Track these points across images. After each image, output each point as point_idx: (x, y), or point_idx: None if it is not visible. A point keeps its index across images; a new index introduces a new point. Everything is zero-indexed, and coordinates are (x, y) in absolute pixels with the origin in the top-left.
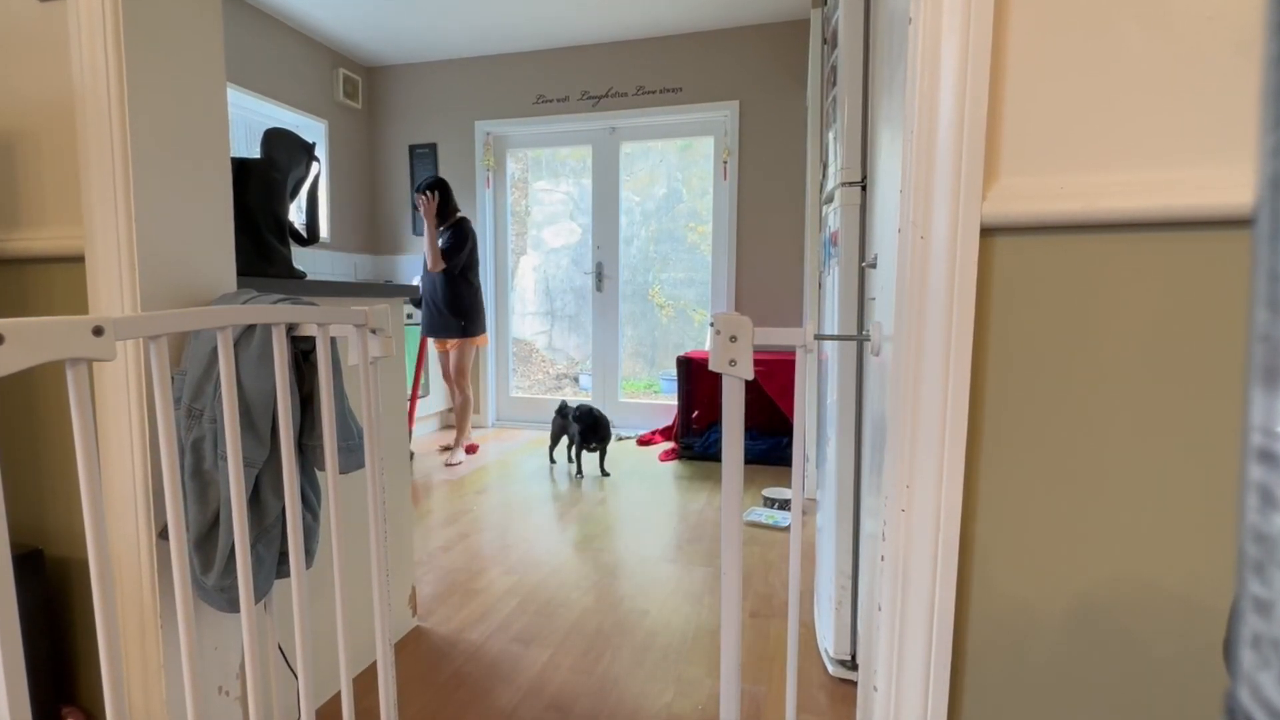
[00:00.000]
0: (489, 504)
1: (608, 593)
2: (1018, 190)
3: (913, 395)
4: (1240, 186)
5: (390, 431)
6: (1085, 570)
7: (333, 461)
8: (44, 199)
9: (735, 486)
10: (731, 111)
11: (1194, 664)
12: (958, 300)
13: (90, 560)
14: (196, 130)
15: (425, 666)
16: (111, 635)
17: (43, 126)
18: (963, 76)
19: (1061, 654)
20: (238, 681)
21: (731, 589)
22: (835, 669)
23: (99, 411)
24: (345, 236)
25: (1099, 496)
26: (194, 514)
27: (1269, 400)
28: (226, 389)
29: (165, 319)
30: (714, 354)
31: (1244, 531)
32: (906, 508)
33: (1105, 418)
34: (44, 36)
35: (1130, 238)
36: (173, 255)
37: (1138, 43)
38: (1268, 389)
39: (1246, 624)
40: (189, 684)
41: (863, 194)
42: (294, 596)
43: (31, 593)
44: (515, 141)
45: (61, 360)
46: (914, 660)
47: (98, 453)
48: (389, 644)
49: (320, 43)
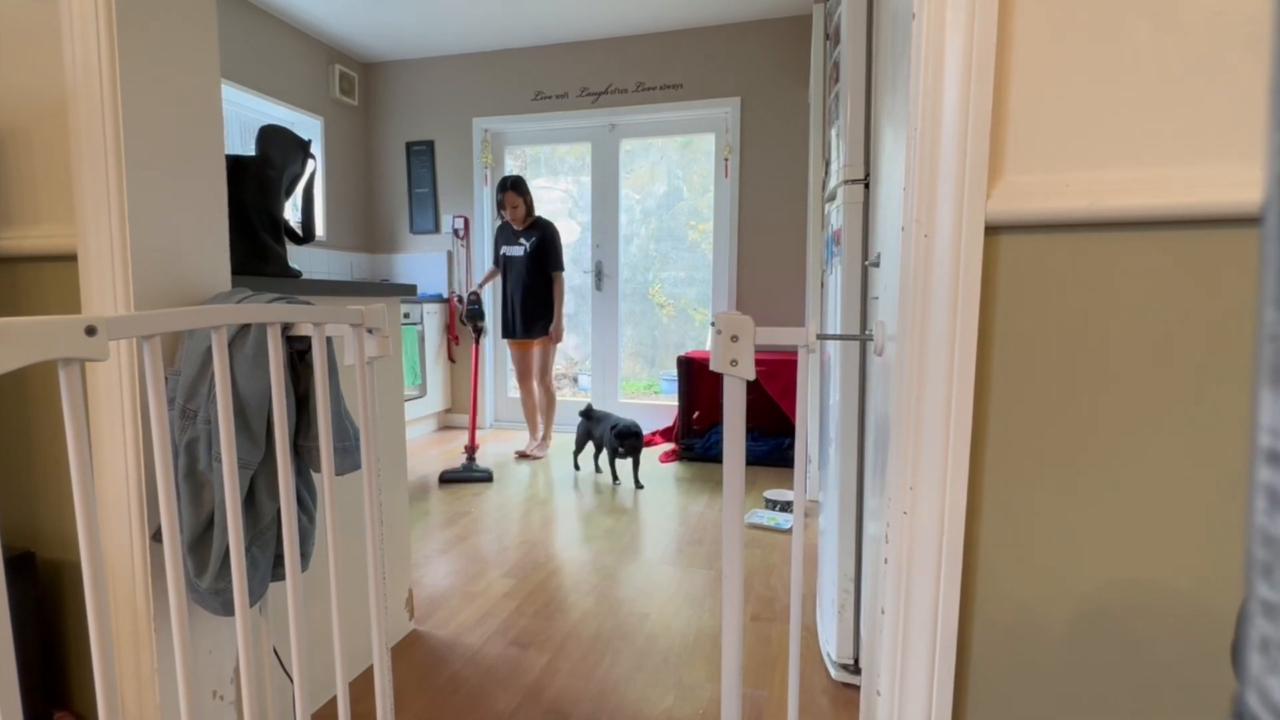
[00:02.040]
0: (486, 506)
1: (607, 596)
2: (1023, 188)
3: (916, 396)
4: (1249, 184)
5: (387, 432)
6: (1091, 573)
7: (328, 463)
8: (36, 197)
9: (737, 488)
10: (733, 108)
11: (1201, 669)
12: (962, 299)
13: (83, 563)
14: (191, 127)
15: (422, 670)
16: (104, 639)
17: (34, 123)
18: (967, 72)
19: (1066, 658)
20: (232, 686)
21: (733, 592)
22: (838, 673)
23: (92, 412)
24: (341, 235)
25: (1105, 498)
26: (188, 516)
27: (1278, 401)
28: (221, 389)
29: (159, 318)
30: (715, 354)
31: (1252, 534)
32: (910, 510)
33: (1111, 418)
34: (36, 32)
35: (1137, 236)
36: (166, 254)
37: (1145, 38)
38: (1276, 389)
39: (1254, 628)
40: (183, 689)
41: (866, 191)
42: (289, 600)
43: (23, 596)
44: (514, 138)
45: (54, 360)
46: (918, 664)
47: (90, 454)
48: (385, 648)
49: (316, 38)
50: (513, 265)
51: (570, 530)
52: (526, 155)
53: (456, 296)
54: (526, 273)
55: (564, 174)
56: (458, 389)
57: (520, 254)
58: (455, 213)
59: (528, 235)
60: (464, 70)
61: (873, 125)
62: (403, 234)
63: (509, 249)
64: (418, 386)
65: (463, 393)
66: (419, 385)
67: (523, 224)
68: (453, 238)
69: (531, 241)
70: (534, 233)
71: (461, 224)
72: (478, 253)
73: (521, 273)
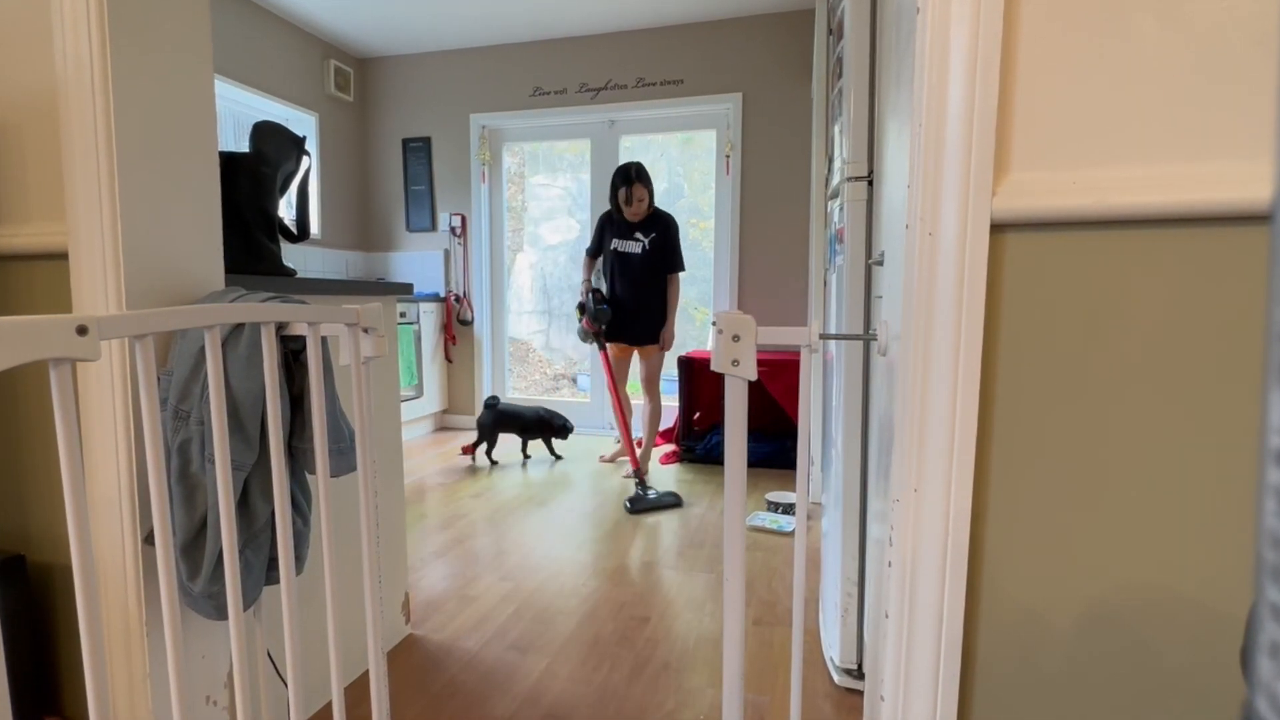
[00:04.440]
0: (484, 508)
1: (607, 599)
2: (1029, 185)
3: (920, 396)
4: (1258, 181)
5: (383, 434)
6: (1098, 576)
7: (323, 464)
8: (26, 194)
9: (738, 490)
10: (734, 104)
11: (1210, 673)
12: (967, 298)
13: (74, 566)
14: (183, 123)
15: (419, 675)
16: (96, 643)
17: (25, 119)
18: (972, 68)
19: (1073, 662)
20: (226, 691)
21: (734, 596)
22: (841, 678)
23: (83, 413)
24: (337, 233)
25: (1112, 500)
26: (181, 518)
27: None
28: (214, 390)
29: (151, 318)
30: (716, 354)
31: (1262, 536)
32: (914, 512)
33: (1118, 419)
34: (26, 26)
35: (1144, 234)
36: (159, 252)
37: (1152, 33)
38: None
39: (1265, 632)
40: (175, 693)
41: (869, 189)
42: (283, 603)
43: (13, 599)
44: (512, 135)
45: (44, 360)
46: (922, 669)
47: (81, 456)
48: (381, 652)
49: (311, 33)
50: (627, 263)
51: (570, 532)
52: (525, 152)
53: (454, 296)
54: (645, 272)
55: (563, 171)
56: (455, 390)
57: (638, 252)
58: (452, 210)
59: (646, 230)
60: (461, 65)
61: (876, 121)
62: (399, 232)
63: (622, 244)
64: (414, 387)
65: (460, 393)
66: (415, 386)
67: (641, 218)
68: (450, 236)
69: (651, 238)
70: (654, 228)
71: (459, 222)
72: (475, 251)
73: (638, 272)
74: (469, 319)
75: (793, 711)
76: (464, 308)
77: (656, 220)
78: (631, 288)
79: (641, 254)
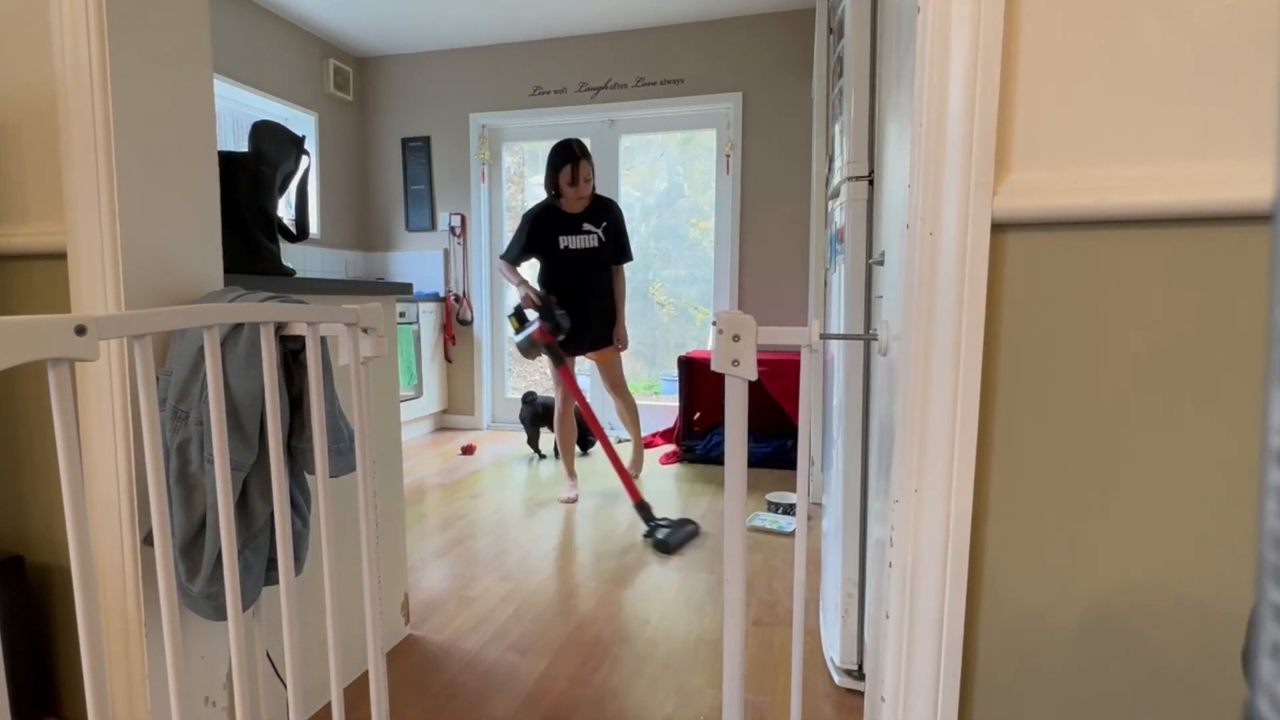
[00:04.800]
0: (484, 508)
1: (607, 600)
2: (1030, 185)
3: (921, 396)
4: (1260, 181)
5: (382, 434)
6: (1099, 576)
7: (323, 465)
8: (24, 193)
9: (738, 491)
10: (734, 103)
11: (1211, 673)
12: (968, 298)
13: (73, 567)
14: (182, 123)
15: (418, 676)
16: (95, 644)
17: (23, 118)
18: (973, 68)
19: (1074, 663)
20: (225, 692)
21: (735, 596)
22: (841, 679)
23: (81, 413)
24: (336, 233)
25: (1113, 500)
26: (179, 519)
27: None
28: (213, 390)
29: (150, 318)
30: (716, 354)
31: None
32: (915, 512)
33: (1119, 419)
34: (25, 25)
35: (1145, 233)
36: (157, 252)
37: (1154, 33)
38: None
39: (1266, 632)
40: (174, 694)
41: (870, 189)
42: (283, 604)
43: (12, 600)
44: (511, 134)
45: (43, 360)
46: (922, 669)
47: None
48: (381, 653)
49: (310, 32)
50: (580, 262)
51: (569, 533)
52: (524, 151)
53: (453, 295)
54: (601, 269)
55: None
56: (455, 390)
57: (594, 246)
58: (452, 210)
59: (596, 219)
60: (461, 65)
61: (877, 121)
62: (398, 231)
63: (574, 240)
64: (414, 387)
65: (459, 394)
66: (415, 386)
67: (584, 205)
68: (449, 235)
69: (604, 227)
70: (603, 216)
71: (458, 221)
72: (474, 251)
73: (594, 270)
74: (468, 319)
75: (793, 712)
76: (463, 308)
77: (602, 207)
78: (587, 290)
79: (598, 248)
